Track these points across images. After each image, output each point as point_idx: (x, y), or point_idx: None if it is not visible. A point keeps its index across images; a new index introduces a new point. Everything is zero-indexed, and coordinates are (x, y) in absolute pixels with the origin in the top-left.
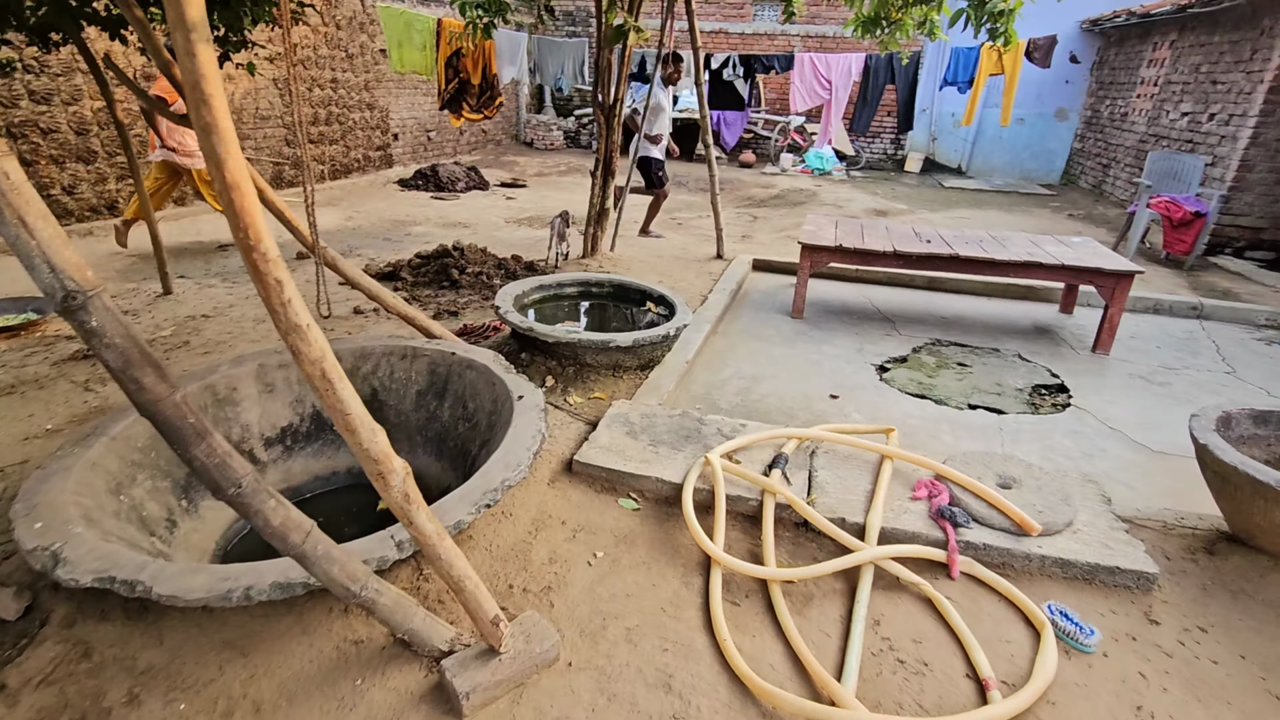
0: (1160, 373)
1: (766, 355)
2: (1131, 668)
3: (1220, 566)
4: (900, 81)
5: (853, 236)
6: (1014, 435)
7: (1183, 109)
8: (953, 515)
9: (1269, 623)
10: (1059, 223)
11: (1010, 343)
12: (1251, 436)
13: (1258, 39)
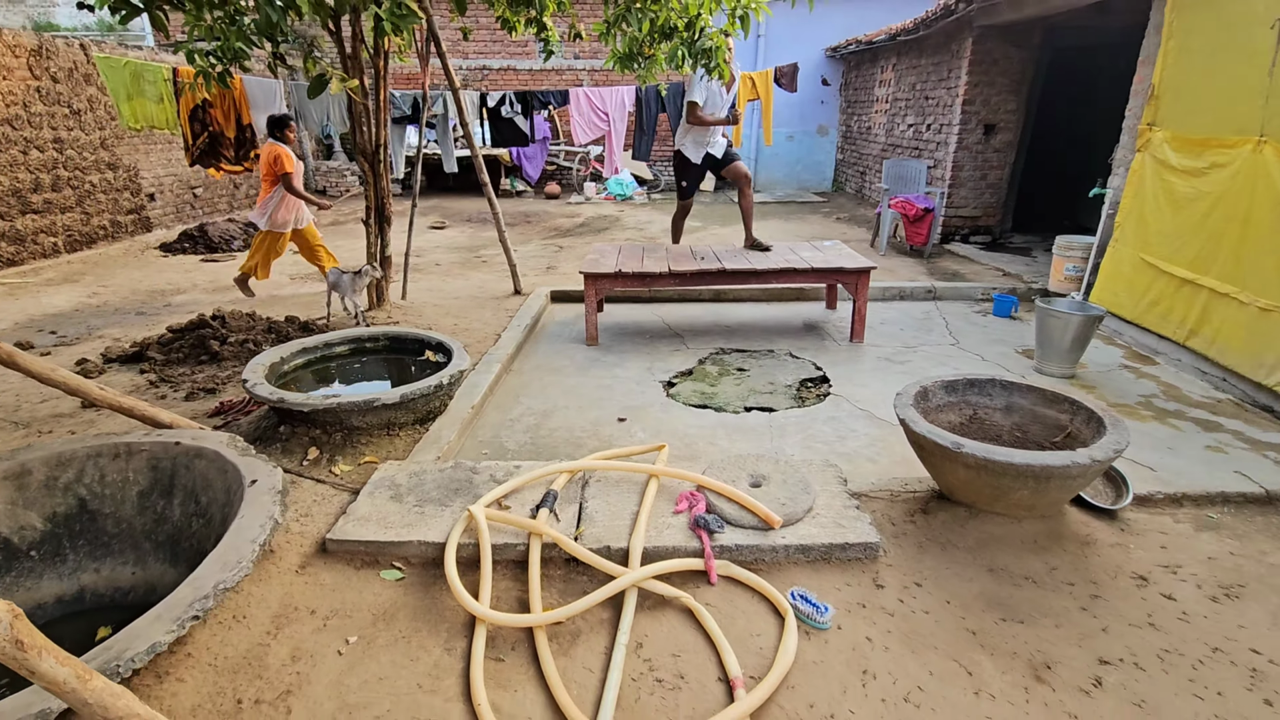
0: (902, 352)
1: (560, 387)
2: (860, 634)
3: (931, 523)
4: (671, 110)
5: (632, 261)
6: (781, 430)
7: (908, 121)
8: (707, 523)
9: (967, 565)
10: (828, 226)
11: (784, 342)
12: (946, 404)
13: (951, 61)
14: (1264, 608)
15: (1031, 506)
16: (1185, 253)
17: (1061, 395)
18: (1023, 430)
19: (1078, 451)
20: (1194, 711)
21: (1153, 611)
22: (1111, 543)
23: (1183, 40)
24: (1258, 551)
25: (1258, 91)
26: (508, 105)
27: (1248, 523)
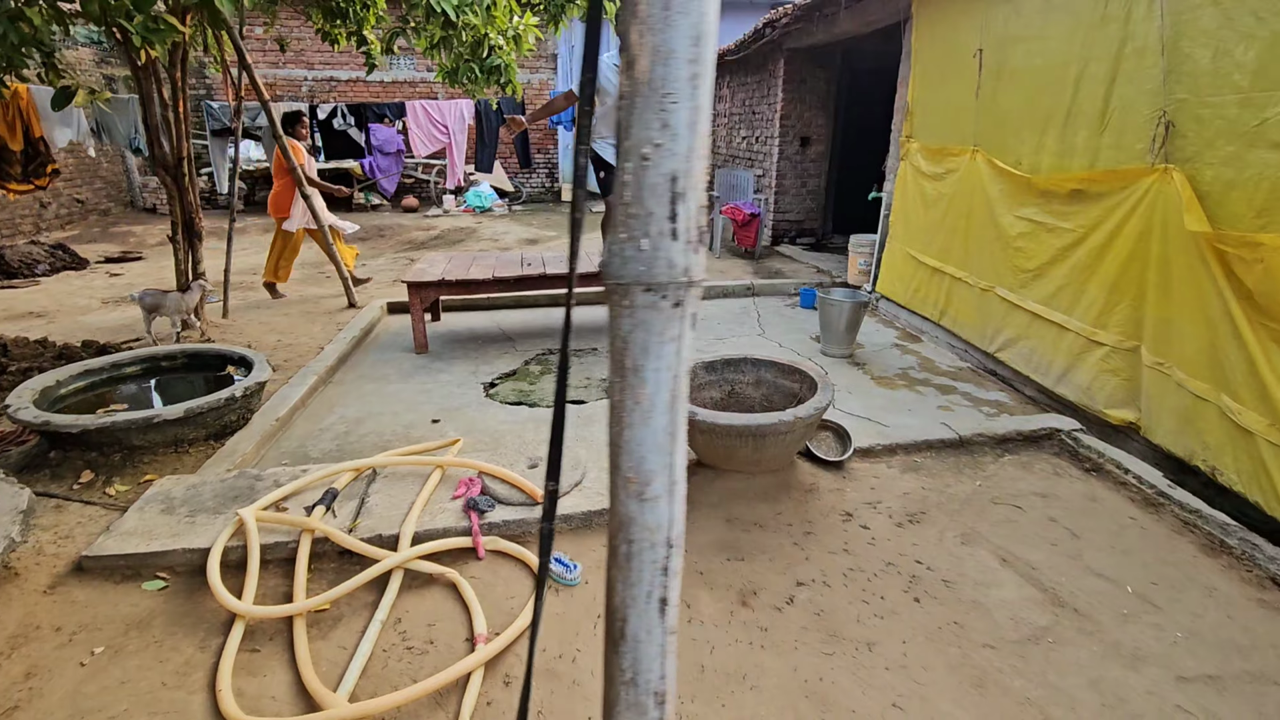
0: (713, 344)
1: (379, 394)
2: (603, 587)
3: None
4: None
5: (459, 269)
6: (588, 420)
7: (742, 134)
8: (477, 504)
9: (709, 518)
10: None
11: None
12: (708, 382)
13: (769, 79)
14: (934, 529)
15: (757, 462)
16: (934, 245)
17: (793, 367)
18: (769, 400)
19: (784, 411)
20: (857, 612)
21: (849, 540)
22: (831, 488)
23: (923, 66)
24: (942, 485)
25: (970, 109)
26: (339, 117)
27: (942, 463)
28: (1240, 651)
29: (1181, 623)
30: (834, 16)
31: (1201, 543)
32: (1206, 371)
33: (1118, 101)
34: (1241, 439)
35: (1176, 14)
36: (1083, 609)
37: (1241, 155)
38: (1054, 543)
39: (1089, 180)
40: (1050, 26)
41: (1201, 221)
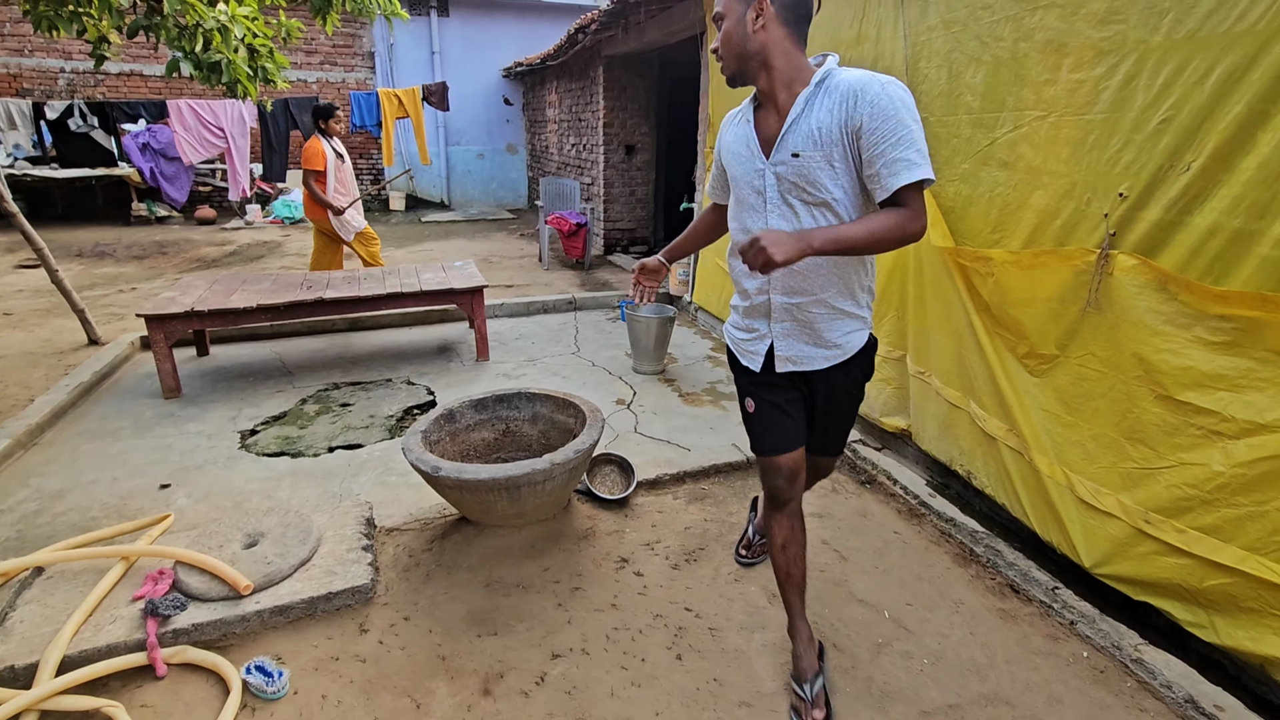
0: (522, 366)
1: (100, 456)
2: (317, 694)
3: (445, 548)
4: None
5: (218, 297)
6: (360, 468)
7: (571, 141)
8: (156, 607)
9: (467, 585)
10: (509, 242)
11: (408, 368)
12: (478, 422)
13: (591, 86)
14: (709, 566)
15: (520, 514)
16: None
17: (568, 401)
18: (547, 438)
19: (539, 458)
20: (614, 684)
21: (619, 593)
22: (610, 531)
23: (720, 78)
24: (726, 514)
25: None
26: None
27: (729, 488)
28: (978, 673)
29: (929, 647)
30: (643, 25)
31: (955, 553)
32: (957, 380)
33: None
34: (987, 444)
35: (915, 35)
36: (841, 644)
37: (975, 173)
38: (822, 569)
39: None
40: (815, 43)
41: (946, 237)
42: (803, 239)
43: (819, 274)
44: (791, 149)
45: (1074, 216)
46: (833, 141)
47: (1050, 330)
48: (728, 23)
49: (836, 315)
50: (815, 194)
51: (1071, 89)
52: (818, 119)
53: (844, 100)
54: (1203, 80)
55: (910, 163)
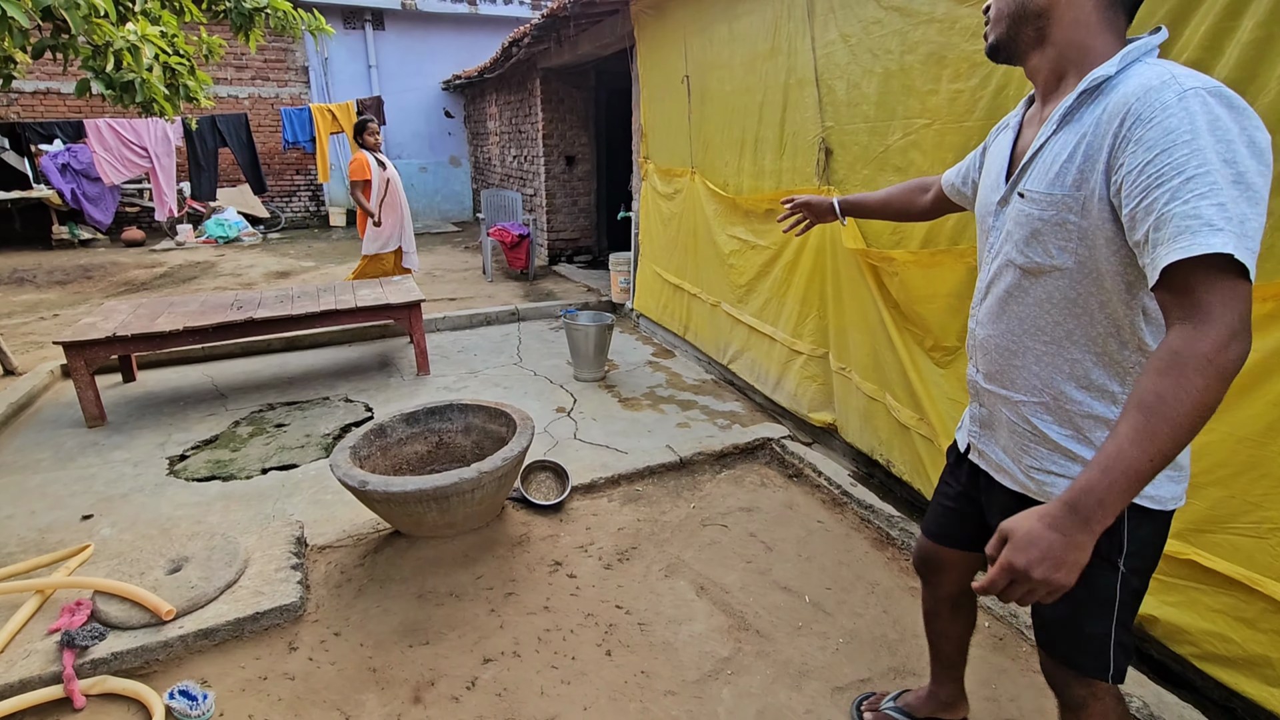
0: (464, 379)
1: (18, 489)
2: (242, 715)
3: (378, 562)
4: (234, 144)
5: (142, 321)
6: (294, 489)
7: (513, 153)
8: (72, 638)
9: (399, 597)
10: (453, 255)
11: (346, 386)
12: (410, 435)
13: (529, 99)
14: (641, 564)
15: (451, 524)
16: (674, 263)
17: (500, 410)
18: (480, 447)
19: (467, 468)
20: (544, 683)
21: (552, 595)
22: (544, 536)
23: (650, 90)
24: (659, 513)
25: (686, 132)
26: None
27: (663, 488)
28: (889, 647)
29: (845, 626)
30: (576, 39)
31: (873, 538)
32: (873, 374)
33: (791, 127)
34: (902, 433)
35: (821, 48)
36: (764, 629)
37: (875, 178)
38: (750, 560)
39: (776, 200)
40: (735, 56)
41: (857, 239)
42: (1080, 505)
43: (1018, 360)
44: (1024, 185)
45: (963, 218)
46: (1077, 184)
47: (951, 324)
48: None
49: (1035, 439)
50: (1033, 258)
51: (952, 98)
52: (1068, 145)
53: (1110, 118)
54: None
55: (1204, 224)
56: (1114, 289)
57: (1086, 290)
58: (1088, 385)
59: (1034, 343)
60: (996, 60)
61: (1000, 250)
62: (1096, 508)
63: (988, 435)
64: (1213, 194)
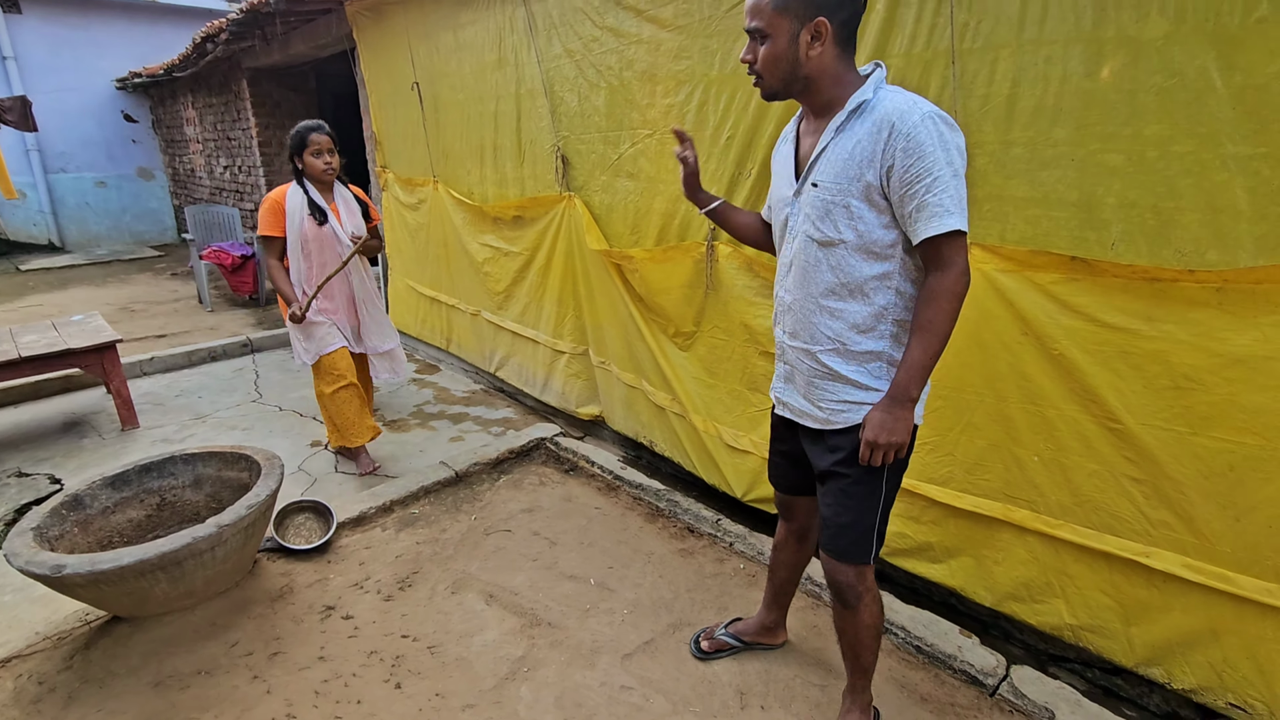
0: (189, 426)
1: None
2: None
3: (93, 658)
4: None
5: None
6: None
7: (223, 163)
8: None
9: (128, 692)
10: (158, 284)
11: (18, 457)
12: (121, 501)
13: (237, 101)
14: (425, 587)
15: (189, 594)
16: (427, 275)
17: (239, 454)
18: (218, 500)
19: (201, 525)
20: None
21: (327, 643)
22: (311, 582)
23: (379, 95)
24: (439, 532)
25: (423, 140)
26: None
27: (440, 506)
28: (666, 606)
29: (628, 598)
30: (287, 38)
31: (645, 513)
32: (630, 364)
33: (528, 136)
34: (660, 415)
35: (547, 61)
36: (555, 620)
37: (612, 184)
38: (536, 558)
39: (522, 207)
40: (464, 64)
41: (600, 241)
42: (896, 402)
43: (813, 316)
44: (814, 178)
45: (686, 217)
46: (855, 177)
47: (687, 311)
48: (775, 43)
49: (828, 376)
50: (825, 233)
51: (665, 111)
52: (845, 149)
53: (878, 129)
54: (747, 106)
55: (945, 210)
56: (879, 254)
57: (860, 257)
58: (863, 329)
59: (828, 301)
60: (773, 101)
61: (799, 231)
62: (905, 392)
63: (790, 388)
64: (946, 189)
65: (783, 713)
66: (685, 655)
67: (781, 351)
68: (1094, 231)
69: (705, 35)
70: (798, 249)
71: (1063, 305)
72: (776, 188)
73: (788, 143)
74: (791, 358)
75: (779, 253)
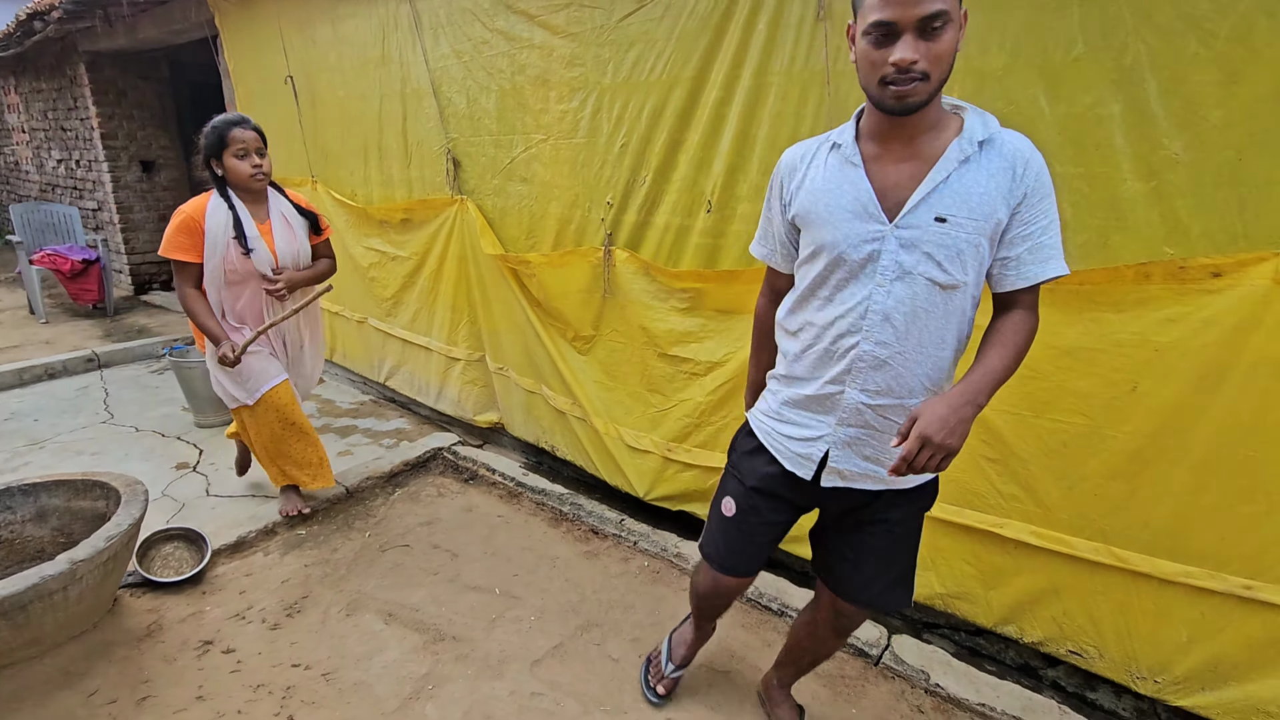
0: (22, 454)
1: None
2: None
3: None
4: None
5: None
6: None
7: (56, 156)
8: None
9: None
10: None
11: None
12: None
13: (73, 89)
14: (317, 611)
15: (36, 641)
16: None
17: (93, 481)
18: (67, 534)
19: (51, 562)
20: None
21: (206, 681)
22: (184, 617)
23: (247, 87)
24: (330, 552)
25: (299, 138)
26: None
27: (330, 524)
28: (574, 609)
29: (535, 605)
30: (135, 21)
31: (549, 518)
32: (529, 369)
33: (415, 137)
34: (561, 419)
35: (435, 61)
36: (460, 633)
37: (505, 188)
38: (436, 571)
39: (410, 209)
40: (345, 59)
41: (495, 245)
42: (966, 401)
43: (916, 368)
44: (937, 210)
45: (582, 222)
46: (989, 215)
47: (585, 315)
48: (953, 30)
49: None
50: (953, 275)
51: (560, 117)
52: (979, 183)
53: (1011, 166)
54: (640, 115)
55: (1058, 253)
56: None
57: (970, 300)
58: (951, 375)
59: (936, 350)
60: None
61: (914, 272)
62: (977, 394)
63: (850, 453)
64: (1058, 233)
65: (690, 701)
66: (594, 656)
67: (854, 414)
68: None
69: (598, 44)
70: (903, 295)
71: None
72: (842, 222)
73: (845, 166)
74: (871, 418)
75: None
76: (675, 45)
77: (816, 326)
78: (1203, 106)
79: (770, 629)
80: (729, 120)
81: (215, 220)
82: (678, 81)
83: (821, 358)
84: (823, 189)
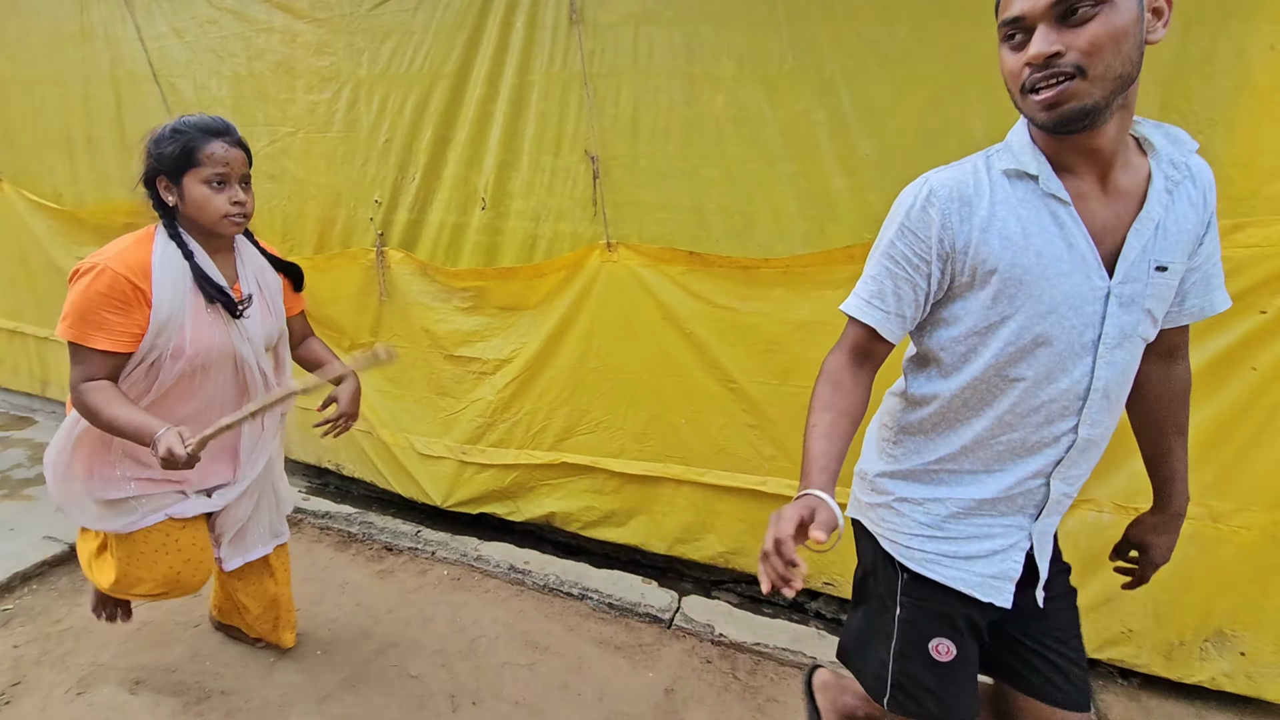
0: None
1: None
2: None
3: None
4: None
5: None
6: None
7: None
8: None
9: None
10: None
11: None
12: None
13: None
14: (38, 697)
15: None
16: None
17: None
18: None
19: None
20: None
21: None
22: None
23: None
24: (51, 624)
25: None
26: None
27: (52, 591)
28: (366, 634)
29: (322, 637)
30: None
31: (336, 541)
32: None
33: (133, 127)
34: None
35: (151, 40)
36: (229, 687)
37: None
38: (197, 624)
39: (135, 212)
40: (29, 33)
41: None
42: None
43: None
44: (1157, 259)
45: (349, 222)
46: (1188, 254)
47: (362, 321)
48: (1120, 10)
49: None
50: (1157, 329)
51: (310, 109)
52: (1186, 217)
53: (1203, 192)
54: (403, 109)
55: (1221, 281)
56: None
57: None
58: None
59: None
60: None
61: (1130, 330)
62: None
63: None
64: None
65: (494, 700)
66: (392, 678)
67: (1053, 506)
68: (703, 230)
69: (349, 32)
70: (1122, 363)
71: (688, 292)
72: (1059, 280)
73: (1046, 201)
74: (1064, 507)
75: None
76: (434, 39)
77: (1007, 413)
78: (883, 114)
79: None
80: (495, 117)
81: (167, 276)
82: (440, 76)
83: (1015, 450)
84: (1021, 234)
